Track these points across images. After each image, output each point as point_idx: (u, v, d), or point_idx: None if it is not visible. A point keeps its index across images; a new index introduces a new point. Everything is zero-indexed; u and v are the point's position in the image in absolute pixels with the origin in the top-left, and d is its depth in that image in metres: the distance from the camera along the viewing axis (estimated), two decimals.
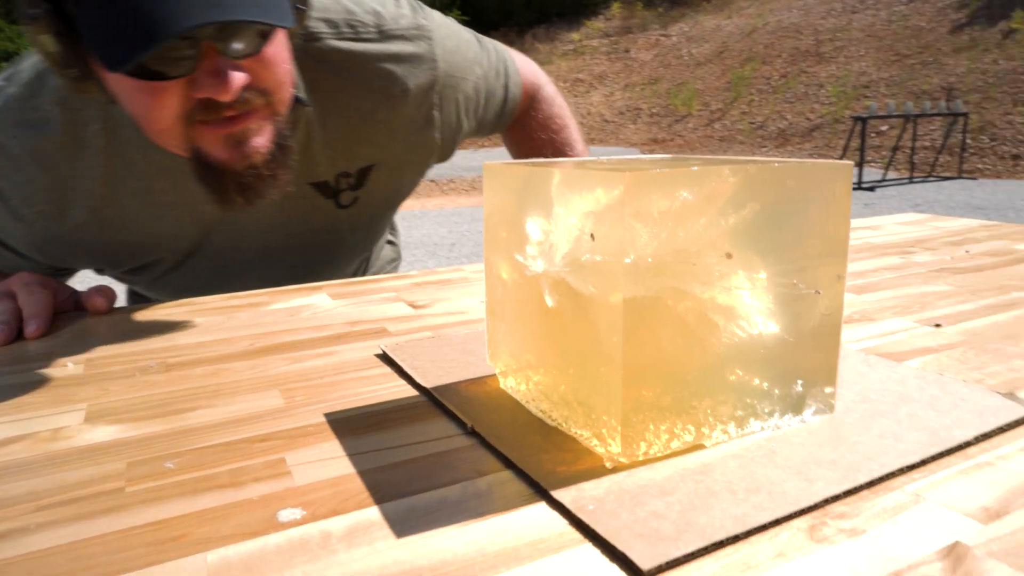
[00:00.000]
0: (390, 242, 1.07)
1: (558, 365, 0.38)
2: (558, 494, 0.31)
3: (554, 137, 0.99)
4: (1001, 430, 0.37)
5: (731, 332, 0.36)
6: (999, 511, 0.30)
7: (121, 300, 0.82)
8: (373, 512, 0.30)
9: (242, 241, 0.76)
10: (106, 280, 0.80)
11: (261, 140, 0.57)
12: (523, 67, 0.96)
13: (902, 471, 0.33)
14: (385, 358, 0.51)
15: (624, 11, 19.55)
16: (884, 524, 0.29)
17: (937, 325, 0.56)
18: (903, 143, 9.45)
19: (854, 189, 7.89)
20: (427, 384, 0.45)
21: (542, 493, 0.32)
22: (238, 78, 0.52)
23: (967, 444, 0.36)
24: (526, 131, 1.00)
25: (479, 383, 0.45)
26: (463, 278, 0.77)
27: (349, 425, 0.40)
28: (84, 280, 0.80)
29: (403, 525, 0.29)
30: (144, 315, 0.65)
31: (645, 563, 0.26)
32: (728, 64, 14.58)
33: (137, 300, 0.95)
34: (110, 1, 0.48)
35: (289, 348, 0.54)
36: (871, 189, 7.98)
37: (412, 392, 0.45)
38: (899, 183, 8.40)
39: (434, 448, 0.37)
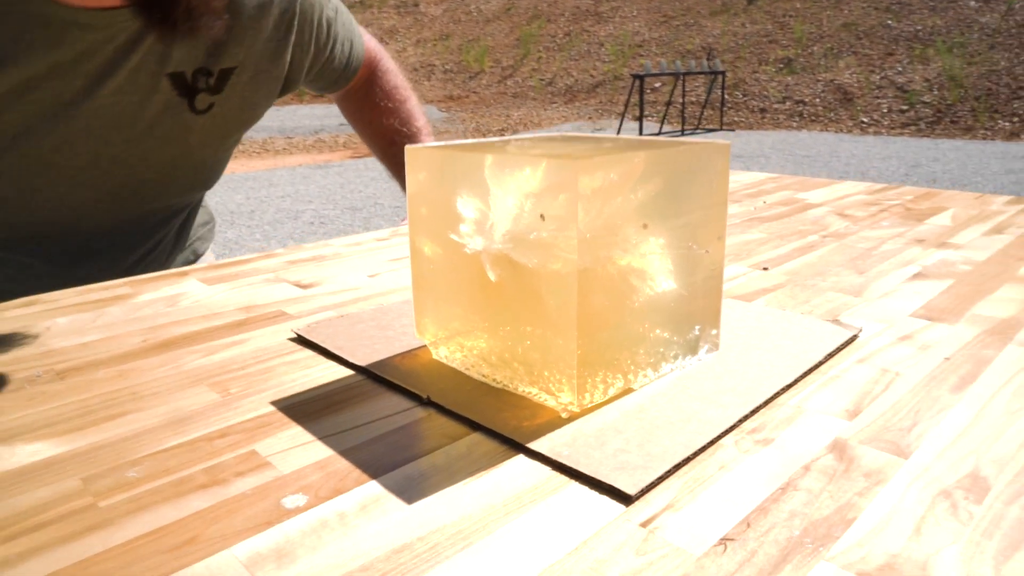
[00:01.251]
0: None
1: (498, 332, 0.42)
2: (534, 445, 0.36)
3: (399, 107, 1.00)
4: (839, 349, 0.48)
5: (644, 292, 0.42)
6: (855, 411, 0.40)
7: None
8: (374, 486, 0.33)
9: (76, 138, 0.67)
10: None
11: None
12: (366, 36, 0.96)
13: (784, 390, 0.42)
14: (302, 341, 0.51)
15: None
16: (784, 432, 0.37)
17: (765, 268, 0.68)
18: (675, 99, 10.39)
19: None
20: (361, 363, 0.46)
21: (517, 447, 0.36)
22: None
23: (820, 363, 0.46)
24: (370, 99, 0.99)
25: (410, 356, 0.47)
26: (336, 253, 0.77)
27: (303, 410, 0.41)
28: None
29: (409, 493, 0.32)
30: None
31: (631, 489, 0.32)
32: (515, 21, 14.95)
33: None
34: None
35: (190, 340, 0.52)
36: None
37: (345, 372, 0.46)
38: (673, 135, 9.26)
39: (398, 421, 0.39)
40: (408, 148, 0.44)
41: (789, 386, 0.43)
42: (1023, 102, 8.75)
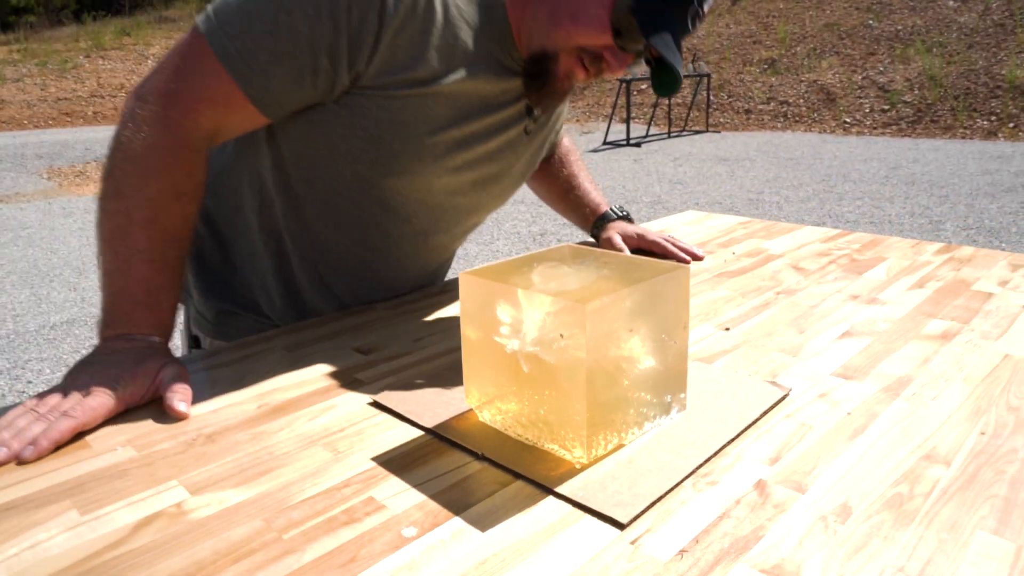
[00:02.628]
0: None
1: (529, 402, 0.60)
2: (559, 489, 0.54)
3: (567, 155, 1.24)
4: (773, 406, 0.66)
5: (632, 371, 0.60)
6: (775, 458, 0.58)
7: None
8: (458, 521, 0.51)
9: (467, 168, 0.90)
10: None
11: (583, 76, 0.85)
12: None
13: (729, 442, 0.60)
14: (378, 405, 0.69)
15: None
16: (725, 475, 0.56)
17: (727, 329, 0.86)
18: (661, 101, 10.58)
19: (623, 146, 8.75)
20: (428, 425, 0.64)
21: (547, 491, 0.54)
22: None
23: (757, 419, 0.64)
24: (565, 160, 1.23)
25: (463, 418, 0.65)
26: (379, 318, 0.94)
27: (397, 464, 0.59)
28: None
29: (481, 524, 0.50)
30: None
31: (623, 519, 0.50)
32: None
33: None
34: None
35: (295, 406, 0.70)
36: (637, 145, 8.88)
37: (417, 432, 0.64)
38: (660, 138, 9.44)
39: (464, 472, 0.57)
40: (462, 276, 0.62)
41: (733, 439, 0.61)
42: (1000, 101, 8.99)
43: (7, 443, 0.61)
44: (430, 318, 0.93)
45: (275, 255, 0.93)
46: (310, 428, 0.65)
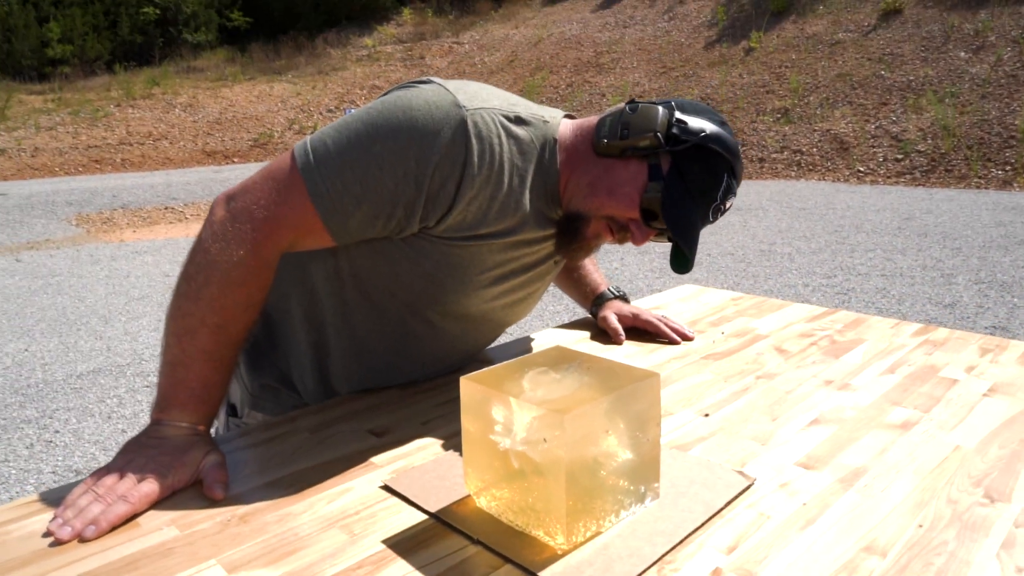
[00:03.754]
0: None
1: (519, 491, 0.69)
2: (542, 573, 0.63)
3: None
4: (738, 495, 0.75)
5: (609, 464, 0.69)
6: (733, 546, 0.66)
7: None
8: None
9: (507, 291, 1.01)
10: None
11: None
12: None
13: (694, 531, 0.69)
14: (390, 489, 0.78)
15: (416, 17, 19.92)
16: (686, 563, 0.64)
17: (706, 415, 0.95)
18: None
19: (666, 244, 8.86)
20: (432, 509, 0.73)
21: (531, 575, 0.63)
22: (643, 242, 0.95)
23: (722, 508, 0.72)
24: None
25: (463, 503, 0.74)
26: (389, 400, 1.04)
27: (404, 546, 0.68)
28: None
29: None
30: None
31: None
32: (519, 72, 15.51)
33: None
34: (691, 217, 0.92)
35: (316, 489, 0.79)
36: None
37: (423, 516, 0.73)
38: None
39: (461, 555, 0.66)
40: (463, 380, 0.72)
41: (698, 528, 0.69)
42: (1014, 151, 9.06)
43: (71, 522, 0.71)
44: (438, 400, 1.02)
45: (314, 346, 1.03)
46: (329, 510, 0.75)
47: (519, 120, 0.92)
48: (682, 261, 0.95)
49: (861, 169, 9.83)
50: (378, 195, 0.85)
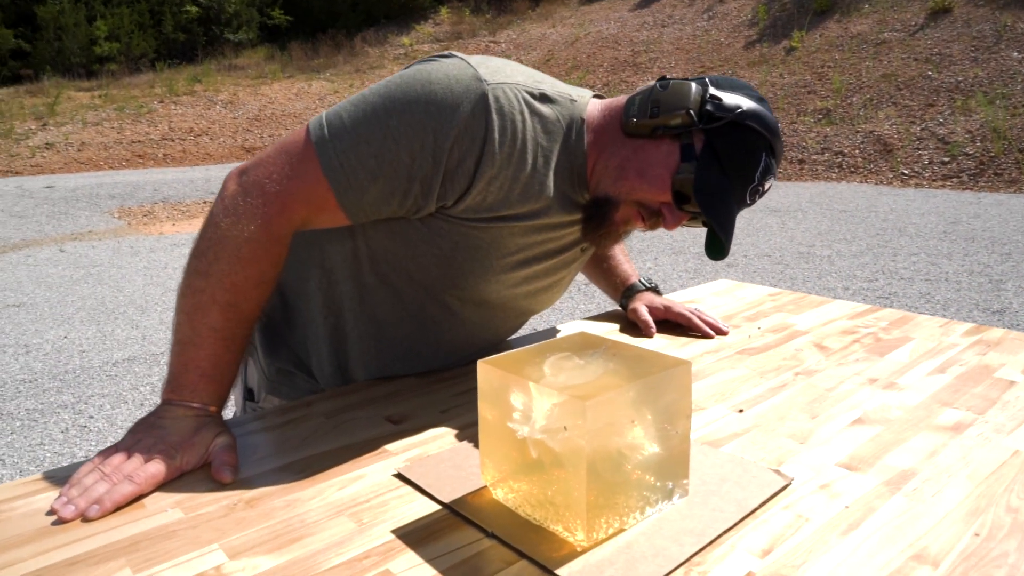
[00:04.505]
0: None
1: (538, 483, 0.65)
2: (560, 571, 0.58)
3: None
4: (773, 495, 0.69)
5: (634, 457, 0.64)
6: (768, 550, 0.61)
7: None
8: None
9: (531, 278, 0.97)
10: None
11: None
12: None
13: (725, 532, 0.64)
14: (403, 477, 0.75)
15: (453, 16, 19.98)
16: (716, 566, 0.59)
17: (740, 411, 0.89)
18: None
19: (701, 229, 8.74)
20: (445, 500, 0.70)
21: (548, 572, 0.59)
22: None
23: (755, 509, 0.67)
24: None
25: (478, 495, 0.70)
26: (409, 387, 1.00)
27: (414, 537, 0.64)
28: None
29: None
30: None
31: None
32: (556, 72, 15.45)
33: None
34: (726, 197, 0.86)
35: (328, 474, 0.76)
36: None
37: (436, 506, 0.69)
38: None
39: (475, 548, 0.62)
40: (480, 364, 0.68)
41: (730, 529, 0.64)
42: None
43: (75, 501, 0.68)
44: (457, 389, 0.99)
45: (333, 329, 0.99)
46: (339, 497, 0.71)
47: (544, 97, 0.88)
48: (718, 246, 0.89)
49: (905, 172, 9.55)
50: (394, 170, 0.81)
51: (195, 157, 13.11)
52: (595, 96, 0.96)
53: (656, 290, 1.28)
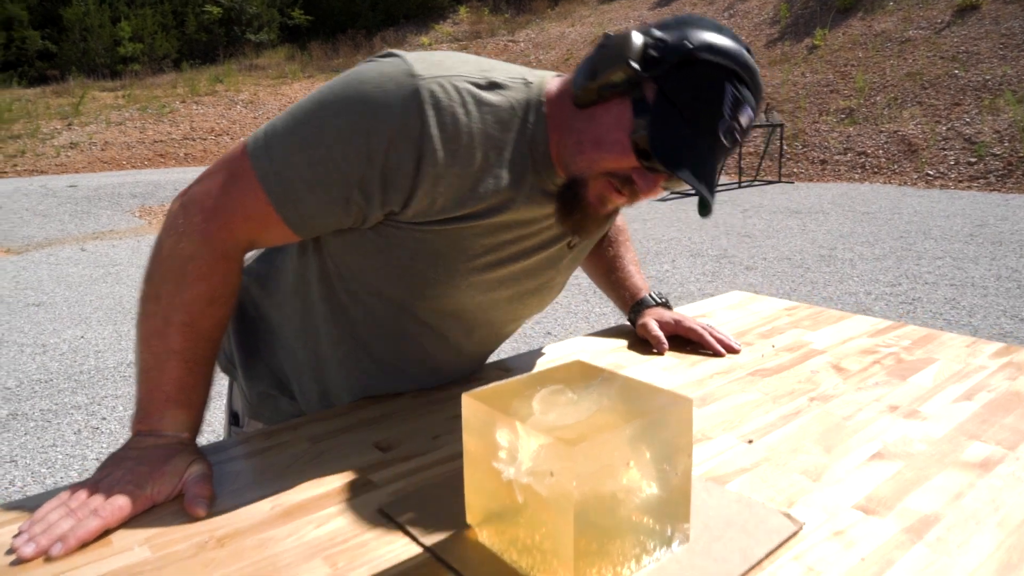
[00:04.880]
0: None
1: (524, 527, 0.60)
2: None
3: (617, 236, 1.22)
4: (782, 543, 0.64)
5: (630, 501, 0.59)
6: None
7: None
8: None
9: (507, 280, 0.91)
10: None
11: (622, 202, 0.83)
12: None
13: None
14: (386, 514, 0.70)
15: (472, 16, 19.95)
16: None
17: (750, 441, 0.84)
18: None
19: (692, 195, 8.66)
20: (427, 543, 0.65)
21: None
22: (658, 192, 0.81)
23: (762, 559, 0.62)
24: (613, 240, 1.21)
25: (462, 537, 0.66)
26: (397, 410, 0.96)
27: None
28: None
29: None
30: None
31: None
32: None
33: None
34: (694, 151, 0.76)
35: (306, 509, 0.71)
36: None
37: (418, 549, 0.65)
38: (730, 188, 9.30)
39: None
40: (465, 398, 0.63)
41: None
42: None
43: (37, 538, 0.65)
44: (452, 411, 0.94)
45: (312, 354, 0.96)
46: (316, 536, 0.67)
47: (493, 85, 0.81)
48: (702, 200, 0.79)
49: (930, 172, 9.35)
50: (329, 177, 0.77)
51: (216, 157, 13.21)
52: (559, 75, 0.88)
53: (667, 304, 1.22)
